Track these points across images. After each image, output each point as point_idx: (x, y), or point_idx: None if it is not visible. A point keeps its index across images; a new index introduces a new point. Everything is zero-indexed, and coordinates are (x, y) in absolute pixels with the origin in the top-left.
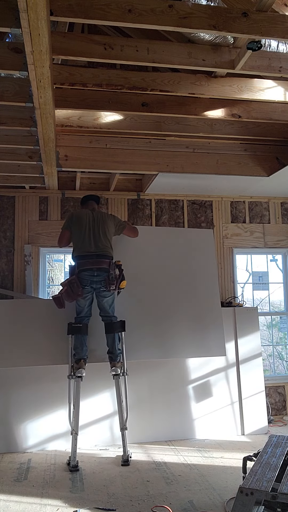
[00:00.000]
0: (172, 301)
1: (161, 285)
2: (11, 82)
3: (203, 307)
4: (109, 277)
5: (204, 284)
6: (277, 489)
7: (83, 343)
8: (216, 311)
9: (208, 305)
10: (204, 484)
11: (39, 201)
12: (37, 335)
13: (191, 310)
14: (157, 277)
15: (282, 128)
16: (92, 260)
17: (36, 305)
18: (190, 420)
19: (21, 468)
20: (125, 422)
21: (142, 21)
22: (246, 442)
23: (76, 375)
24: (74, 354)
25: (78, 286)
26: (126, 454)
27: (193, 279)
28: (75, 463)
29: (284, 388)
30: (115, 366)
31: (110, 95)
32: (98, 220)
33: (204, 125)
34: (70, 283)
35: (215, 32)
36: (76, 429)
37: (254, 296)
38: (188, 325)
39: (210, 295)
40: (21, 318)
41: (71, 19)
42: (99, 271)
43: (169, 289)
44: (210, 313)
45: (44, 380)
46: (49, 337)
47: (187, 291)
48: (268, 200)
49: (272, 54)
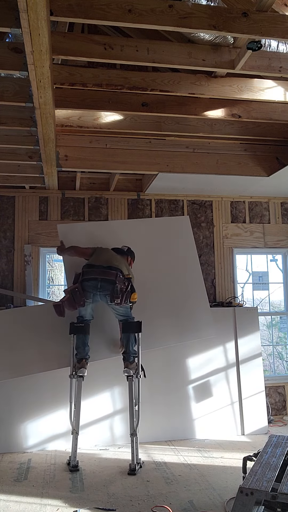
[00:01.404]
0: (157, 290)
1: (145, 276)
2: (11, 82)
3: (188, 292)
4: (114, 289)
5: (187, 270)
6: (277, 489)
7: (85, 342)
8: (201, 294)
9: (192, 290)
10: (204, 484)
11: (39, 201)
12: (39, 341)
13: (177, 297)
14: (141, 268)
15: (282, 128)
16: (98, 270)
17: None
18: (190, 420)
19: (21, 468)
20: (136, 427)
21: (142, 21)
22: (246, 442)
23: (78, 374)
24: (76, 353)
25: (81, 295)
26: (135, 463)
27: (176, 266)
28: (75, 463)
29: (284, 388)
30: (128, 367)
31: (110, 95)
32: (121, 259)
33: (204, 125)
34: (73, 291)
35: (215, 32)
36: (76, 429)
37: (254, 296)
38: (175, 312)
39: (193, 280)
40: (20, 326)
41: (71, 19)
42: (104, 282)
43: (154, 279)
44: (196, 297)
45: (44, 380)
46: (53, 341)
47: (171, 279)
48: (268, 200)
49: (272, 54)
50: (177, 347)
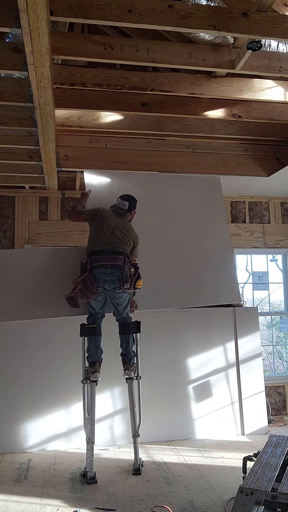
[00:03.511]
0: (183, 250)
1: (168, 233)
2: (11, 82)
3: (214, 255)
4: (123, 275)
5: (214, 233)
6: (277, 489)
7: (97, 345)
8: (227, 258)
9: (219, 253)
10: (204, 484)
11: (39, 201)
12: (36, 287)
13: (200, 258)
14: (168, 225)
15: (282, 128)
16: (105, 256)
17: (36, 255)
18: (190, 420)
19: (21, 468)
20: (137, 429)
21: (142, 21)
22: (246, 442)
23: (91, 379)
24: (87, 356)
25: (93, 283)
26: (138, 463)
27: (202, 227)
28: (93, 474)
29: (284, 388)
30: (129, 370)
31: (110, 95)
32: (123, 226)
33: (204, 125)
34: (84, 281)
35: (215, 32)
36: (92, 438)
37: (254, 296)
38: (200, 273)
39: (220, 243)
40: (20, 268)
41: (71, 19)
42: (113, 268)
43: (180, 237)
44: (222, 261)
45: (44, 380)
46: (50, 289)
47: (196, 239)
48: (268, 200)
49: (272, 54)
50: (177, 347)
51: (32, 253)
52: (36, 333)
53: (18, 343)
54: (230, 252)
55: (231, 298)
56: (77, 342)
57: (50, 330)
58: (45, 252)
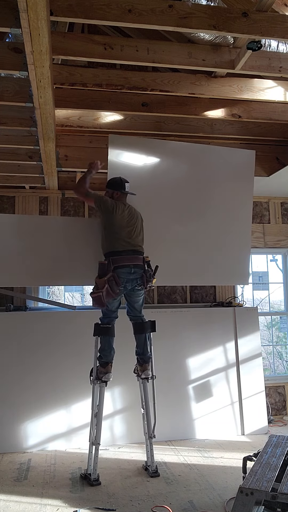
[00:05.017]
0: (203, 225)
1: (195, 206)
2: (11, 82)
3: (233, 235)
4: (146, 274)
5: (238, 209)
6: (277, 489)
7: (111, 345)
8: (245, 239)
9: (238, 233)
10: (204, 484)
11: (39, 201)
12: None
13: (221, 237)
14: (192, 197)
15: (282, 128)
16: (128, 256)
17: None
18: (190, 420)
19: (21, 468)
20: (153, 430)
21: (142, 21)
22: (246, 442)
23: (103, 380)
24: (99, 356)
25: (118, 283)
26: (155, 465)
27: (227, 202)
28: (96, 476)
29: (284, 388)
30: (147, 369)
31: (110, 95)
32: (133, 216)
33: (204, 125)
34: (109, 280)
35: (215, 32)
36: (98, 439)
37: (254, 296)
38: (215, 252)
39: (242, 223)
40: (31, 235)
41: (71, 19)
42: (136, 267)
43: (202, 211)
44: (239, 241)
45: (44, 380)
46: (63, 257)
47: (219, 214)
48: (268, 200)
49: (272, 54)
50: (176, 346)
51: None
52: (36, 333)
53: (18, 343)
54: (249, 235)
55: (240, 280)
56: (77, 342)
57: (50, 330)
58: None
